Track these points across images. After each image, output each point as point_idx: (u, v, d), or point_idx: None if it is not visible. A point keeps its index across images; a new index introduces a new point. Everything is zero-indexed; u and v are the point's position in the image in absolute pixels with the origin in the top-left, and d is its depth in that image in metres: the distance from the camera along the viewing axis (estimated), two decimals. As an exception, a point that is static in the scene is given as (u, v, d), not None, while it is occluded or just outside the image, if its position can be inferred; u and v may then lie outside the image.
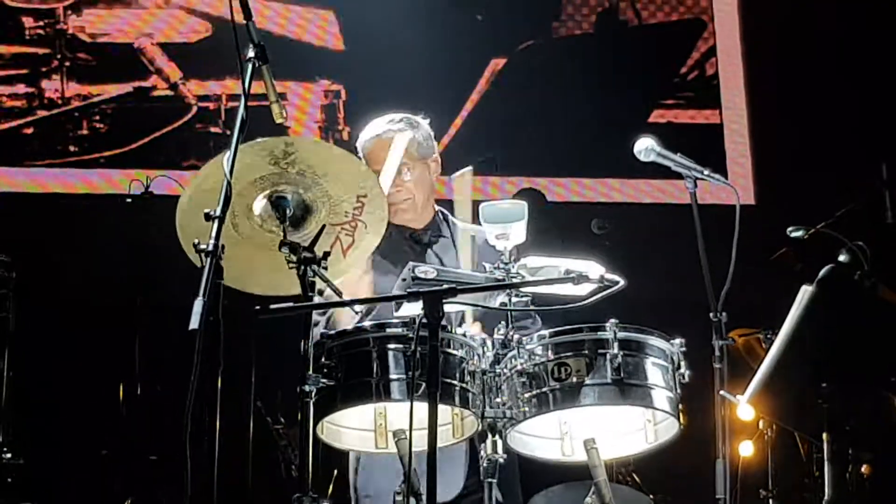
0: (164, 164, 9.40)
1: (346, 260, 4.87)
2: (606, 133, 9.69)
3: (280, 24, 9.78)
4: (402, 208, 5.57)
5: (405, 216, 5.60)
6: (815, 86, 9.68)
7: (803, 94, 9.69)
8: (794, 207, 8.21)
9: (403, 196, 5.57)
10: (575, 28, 10.40)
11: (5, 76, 9.90)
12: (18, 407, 7.14)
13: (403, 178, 5.55)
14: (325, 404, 4.65)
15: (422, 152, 5.62)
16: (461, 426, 4.82)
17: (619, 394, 4.66)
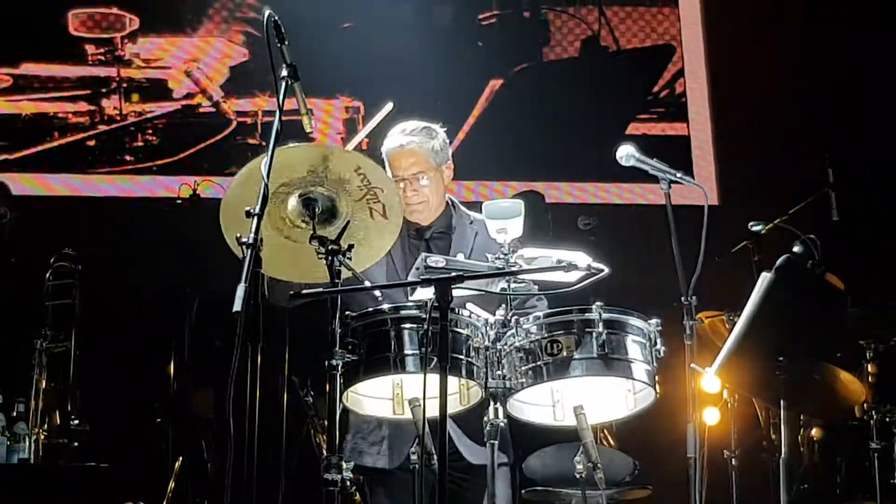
0: (208, 171, 9.40)
1: (391, 219, 4.86)
2: (590, 143, 9.69)
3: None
4: (417, 210, 5.54)
5: (418, 216, 5.57)
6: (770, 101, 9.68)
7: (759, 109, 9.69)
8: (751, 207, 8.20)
9: (419, 199, 5.54)
10: (562, 53, 10.39)
11: (71, 96, 9.89)
12: (85, 381, 7.13)
13: (421, 184, 5.52)
14: (350, 376, 4.66)
15: (437, 161, 5.59)
16: (467, 395, 4.81)
17: (604, 366, 4.66)
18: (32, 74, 9.92)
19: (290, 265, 4.84)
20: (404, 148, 5.56)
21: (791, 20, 10.03)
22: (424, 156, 5.54)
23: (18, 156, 9.75)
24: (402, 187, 5.47)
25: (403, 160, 5.55)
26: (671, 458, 5.70)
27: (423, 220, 5.59)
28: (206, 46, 10.10)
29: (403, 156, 5.55)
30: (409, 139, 5.56)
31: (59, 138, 9.84)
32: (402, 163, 5.55)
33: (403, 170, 5.53)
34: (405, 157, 5.55)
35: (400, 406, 4.85)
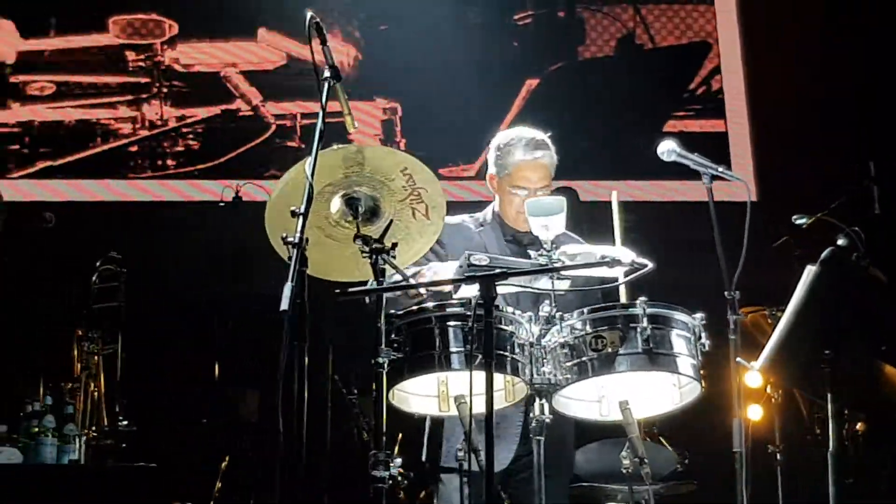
0: (248, 174, 9.37)
1: (433, 219, 4.85)
2: (627, 141, 9.65)
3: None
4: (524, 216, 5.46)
5: (521, 223, 5.45)
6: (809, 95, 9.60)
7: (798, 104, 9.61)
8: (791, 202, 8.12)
9: None
10: (598, 52, 10.34)
11: (112, 102, 9.91)
12: (131, 382, 7.15)
13: (540, 196, 5.45)
14: (395, 374, 4.64)
15: (553, 173, 5.55)
16: (512, 391, 4.80)
17: (649, 361, 4.65)
18: (75, 81, 9.95)
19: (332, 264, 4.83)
20: (537, 161, 5.49)
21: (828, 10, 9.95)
22: (549, 169, 5.51)
23: (62, 162, 9.78)
24: (524, 197, 5.40)
25: (534, 173, 5.49)
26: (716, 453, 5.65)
27: (524, 227, 5.48)
28: (244, 51, 10.08)
29: (536, 169, 5.49)
30: (542, 153, 5.49)
31: (102, 144, 9.86)
32: (532, 176, 5.48)
33: (533, 182, 5.47)
34: (536, 170, 5.49)
35: (445, 403, 4.83)
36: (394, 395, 4.74)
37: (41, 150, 9.81)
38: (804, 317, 4.90)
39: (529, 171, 5.51)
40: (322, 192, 4.66)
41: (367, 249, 4.62)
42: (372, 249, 4.61)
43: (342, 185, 4.73)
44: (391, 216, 4.76)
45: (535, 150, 5.52)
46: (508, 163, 5.53)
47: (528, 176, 5.50)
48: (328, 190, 4.71)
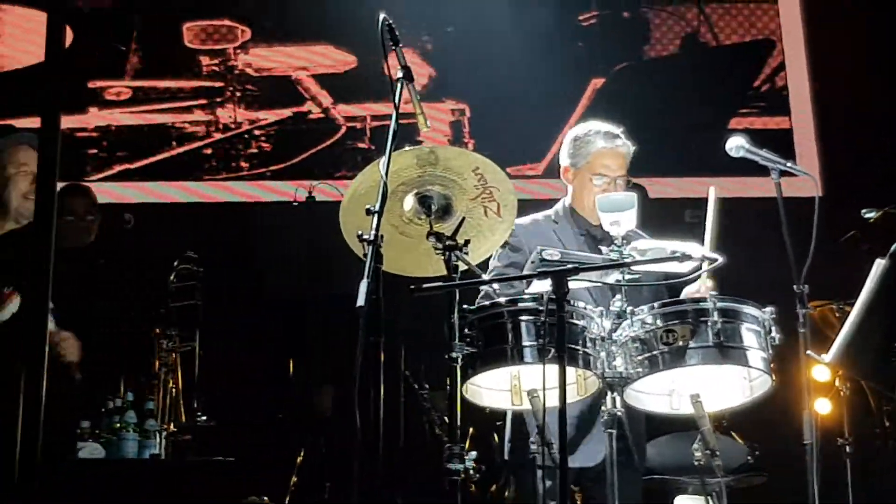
0: (319, 175, 9.39)
1: (504, 217, 4.87)
2: (693, 138, 9.61)
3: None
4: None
5: (596, 218, 5.47)
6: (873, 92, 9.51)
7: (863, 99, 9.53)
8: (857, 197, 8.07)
9: None
10: (662, 50, 10.30)
11: (187, 106, 9.97)
12: (209, 379, 7.19)
13: (620, 184, 5.48)
14: (468, 368, 4.65)
15: (628, 162, 5.56)
16: (584, 385, 4.80)
17: (720, 355, 4.64)
18: (150, 86, 10.02)
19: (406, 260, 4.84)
20: (617, 150, 5.56)
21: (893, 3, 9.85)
22: (627, 160, 5.55)
23: (139, 165, 9.85)
24: (602, 185, 5.44)
25: (614, 161, 5.55)
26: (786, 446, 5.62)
27: (598, 221, 5.49)
28: (315, 54, 10.12)
29: (616, 157, 5.56)
30: (621, 143, 5.56)
31: (177, 147, 9.92)
32: (612, 163, 5.55)
33: (613, 170, 5.53)
34: (617, 158, 5.56)
35: (518, 397, 4.83)
36: (467, 390, 4.74)
37: (118, 153, 9.88)
38: (874, 310, 4.85)
39: (609, 158, 5.55)
40: (396, 191, 4.69)
41: (440, 246, 4.63)
42: (445, 246, 4.63)
43: (415, 184, 4.76)
44: (463, 214, 4.77)
45: (614, 138, 5.57)
46: (588, 151, 5.56)
47: (608, 164, 5.54)
48: (402, 189, 4.74)
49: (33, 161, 5.66)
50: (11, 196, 5.61)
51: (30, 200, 5.64)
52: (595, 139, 5.57)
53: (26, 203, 5.63)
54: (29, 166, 5.64)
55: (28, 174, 5.64)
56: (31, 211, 5.58)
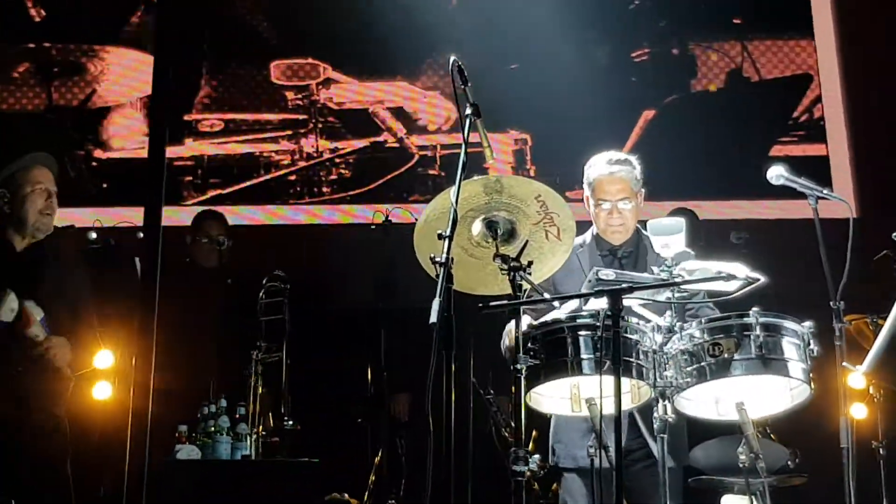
0: (394, 199, 9.48)
1: (563, 240, 4.90)
2: (737, 164, 9.61)
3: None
4: (618, 231, 5.54)
5: (615, 237, 5.56)
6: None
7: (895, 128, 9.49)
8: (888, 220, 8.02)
9: (620, 222, 5.55)
10: (708, 84, 10.29)
11: (274, 137, 10.07)
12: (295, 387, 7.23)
13: (622, 208, 5.52)
14: (532, 378, 4.68)
15: (636, 188, 5.58)
16: (638, 394, 4.82)
17: (762, 366, 4.64)
18: (241, 119, 10.12)
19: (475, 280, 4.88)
20: (614, 175, 5.56)
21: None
22: (629, 183, 5.54)
23: (230, 190, 9.95)
24: (608, 210, 5.49)
25: (611, 186, 5.56)
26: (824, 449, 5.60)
27: (618, 240, 5.58)
28: (391, 89, 10.19)
29: (612, 182, 5.56)
30: (618, 168, 5.56)
31: (265, 174, 10.01)
32: (610, 188, 5.56)
33: (611, 195, 5.55)
34: (614, 183, 5.55)
35: (577, 404, 4.86)
36: (530, 398, 4.78)
37: (212, 180, 9.99)
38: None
39: (608, 184, 5.58)
40: (465, 217, 4.72)
41: (506, 267, 4.67)
42: (510, 267, 4.66)
43: (483, 210, 4.79)
44: (526, 237, 4.80)
45: (612, 165, 5.59)
46: (591, 179, 5.62)
47: (608, 189, 5.57)
48: (470, 214, 4.78)
49: (47, 179, 5.75)
50: (28, 213, 5.67)
51: (46, 216, 5.72)
52: (596, 167, 5.63)
53: (43, 219, 5.71)
54: (43, 184, 5.72)
55: (43, 191, 5.71)
56: (48, 226, 5.71)
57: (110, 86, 10.16)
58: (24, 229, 5.68)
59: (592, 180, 5.61)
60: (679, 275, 4.76)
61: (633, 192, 5.57)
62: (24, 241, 5.70)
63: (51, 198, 5.73)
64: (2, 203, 5.70)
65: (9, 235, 5.69)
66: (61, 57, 10.27)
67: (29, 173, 5.71)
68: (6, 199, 5.69)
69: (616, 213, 5.54)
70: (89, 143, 9.97)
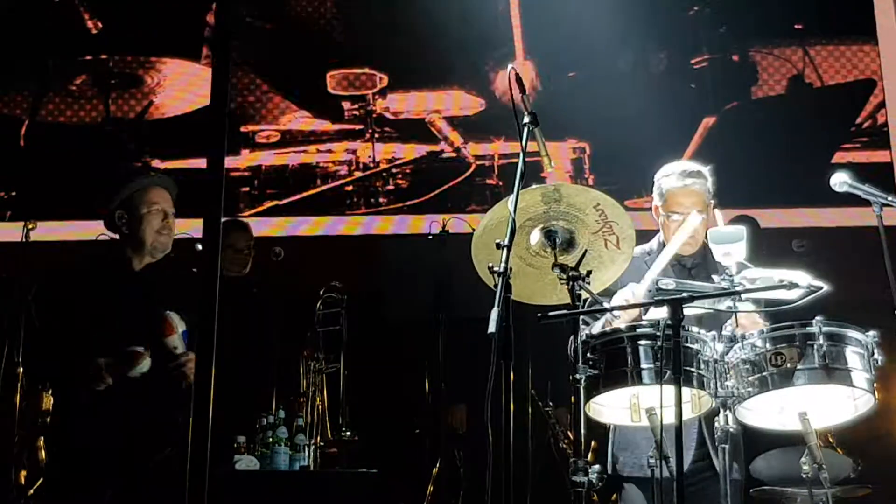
0: (451, 209, 9.50)
1: (623, 249, 4.90)
2: (799, 171, 9.56)
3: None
4: (688, 243, 5.50)
5: (685, 248, 5.51)
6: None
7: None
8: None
9: (690, 234, 5.53)
10: (769, 91, 10.26)
11: (330, 147, 10.14)
12: (353, 397, 7.28)
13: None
14: (591, 388, 4.69)
15: (708, 200, 5.56)
16: (699, 404, 4.80)
17: (826, 375, 4.62)
18: (297, 129, 10.20)
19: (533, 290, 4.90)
20: (688, 188, 5.52)
21: None
22: (703, 196, 5.51)
23: (287, 201, 10.02)
24: (678, 222, 5.47)
25: (685, 199, 5.52)
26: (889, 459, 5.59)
27: (687, 251, 5.55)
28: (447, 98, 10.23)
29: (686, 195, 5.52)
30: (692, 181, 5.52)
31: (321, 185, 10.08)
32: (684, 201, 5.52)
33: (686, 207, 5.49)
34: (688, 196, 5.52)
35: (637, 415, 4.84)
36: (590, 408, 4.78)
37: (268, 191, 10.07)
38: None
39: (682, 196, 5.53)
40: (523, 226, 4.74)
41: (565, 277, 4.68)
42: (569, 277, 4.67)
43: (541, 220, 4.80)
44: (585, 246, 4.82)
45: (686, 178, 5.55)
46: (664, 190, 5.58)
47: (681, 201, 5.52)
48: (529, 224, 4.79)
49: (164, 200, 5.83)
50: (146, 233, 5.74)
51: (163, 236, 5.80)
52: (670, 179, 5.58)
53: (161, 238, 5.78)
54: (160, 205, 5.79)
55: (159, 212, 5.79)
56: (166, 245, 5.79)
57: (167, 97, 10.27)
58: (142, 249, 5.77)
59: (665, 191, 5.57)
60: (740, 283, 4.75)
61: (706, 204, 5.54)
62: (143, 262, 5.80)
63: (168, 218, 5.81)
64: (120, 224, 5.78)
65: (128, 255, 5.78)
66: (118, 69, 10.39)
67: (146, 194, 5.81)
68: (124, 219, 5.78)
69: None
70: (147, 154, 10.08)
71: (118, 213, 5.79)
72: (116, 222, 5.79)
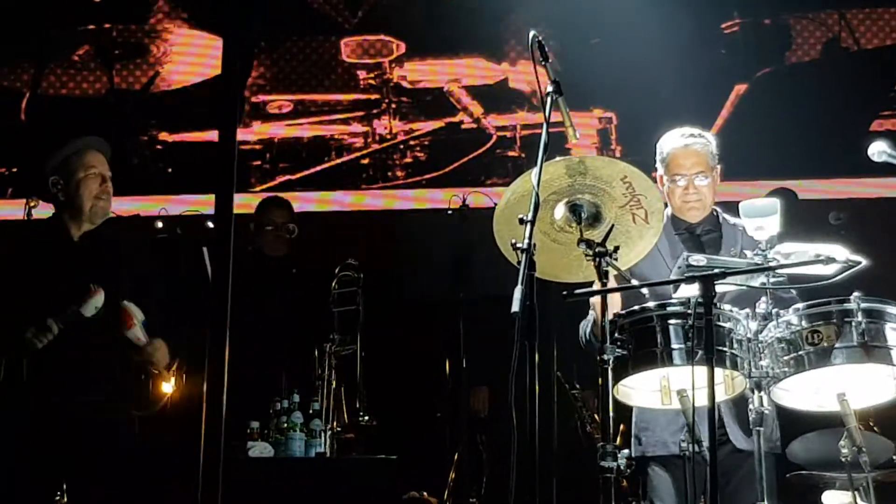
0: (471, 183, 9.47)
1: (651, 223, 4.89)
2: (835, 141, 9.51)
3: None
4: (695, 207, 5.52)
5: (691, 213, 5.55)
6: None
7: None
8: None
9: (696, 198, 5.51)
10: (804, 56, 10.21)
11: (346, 118, 10.13)
12: (370, 380, 7.26)
13: (699, 183, 5.50)
14: (620, 370, 4.69)
15: (713, 163, 5.56)
16: (732, 385, 4.79)
17: (865, 354, 4.60)
18: (310, 100, 10.19)
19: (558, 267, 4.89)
20: (689, 148, 5.53)
21: None
22: (705, 157, 5.52)
23: (300, 175, 10.03)
24: (683, 185, 5.48)
25: (686, 160, 5.53)
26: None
27: (695, 217, 5.55)
28: (467, 67, 10.20)
29: (687, 156, 5.53)
30: (693, 140, 5.54)
31: (336, 158, 10.08)
32: (685, 162, 5.53)
33: (686, 169, 5.52)
34: (689, 157, 5.53)
35: (667, 397, 4.84)
36: (618, 391, 4.78)
37: (281, 164, 10.07)
38: None
39: (682, 157, 5.54)
40: (547, 200, 4.72)
41: (591, 252, 4.67)
42: (595, 252, 4.66)
43: (566, 193, 4.79)
44: (612, 221, 4.80)
45: (686, 139, 5.57)
46: (666, 154, 5.59)
47: (682, 163, 5.54)
48: (553, 198, 4.77)
49: (100, 163, 5.80)
50: (84, 199, 5.72)
51: (102, 200, 5.77)
52: (669, 141, 5.60)
53: (100, 203, 5.75)
54: (97, 168, 5.76)
55: (97, 176, 5.75)
56: (105, 210, 5.78)
57: (174, 68, 10.26)
58: (80, 216, 5.74)
59: (666, 154, 5.58)
60: (774, 259, 4.73)
61: (710, 166, 5.54)
62: (81, 229, 5.77)
63: (105, 182, 5.78)
64: (55, 190, 5.76)
65: (64, 223, 5.76)
66: (122, 38, 10.38)
67: (82, 158, 5.77)
68: (59, 185, 5.75)
69: (692, 189, 5.50)
70: (153, 127, 10.08)
71: (53, 179, 5.75)
72: (51, 189, 5.76)
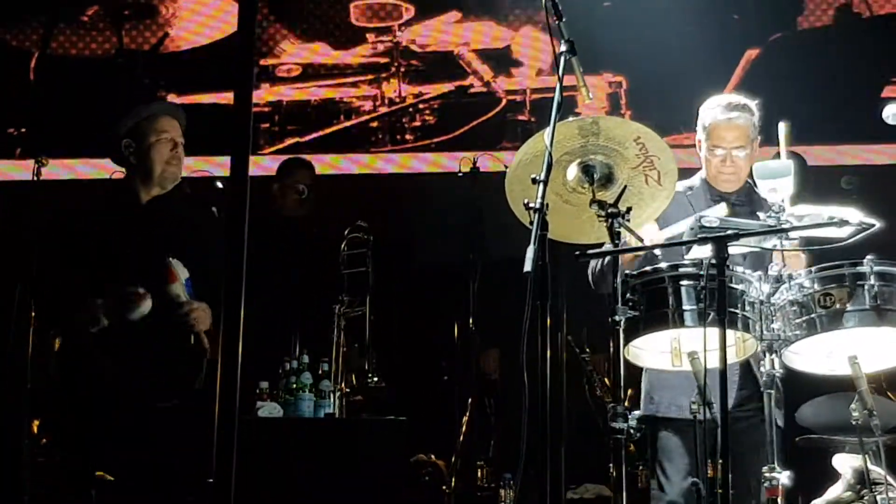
0: (481, 146, 9.40)
1: (665, 185, 4.88)
2: (847, 106, 9.48)
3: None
4: (729, 179, 5.54)
5: (726, 184, 5.55)
6: None
7: None
8: None
9: (731, 170, 5.54)
10: (816, 21, 10.17)
11: (354, 81, 10.11)
12: (379, 342, 7.27)
13: (738, 155, 5.50)
14: (630, 331, 4.69)
15: (753, 135, 5.56)
16: (743, 347, 4.80)
17: (877, 317, 4.61)
18: (319, 63, 10.17)
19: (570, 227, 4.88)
20: (731, 122, 5.54)
21: None
22: (747, 130, 5.54)
23: (308, 138, 10.02)
24: (721, 157, 5.51)
25: (728, 133, 5.55)
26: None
27: (729, 188, 5.57)
28: (477, 30, 10.18)
29: (729, 129, 5.55)
30: (737, 114, 5.53)
31: (345, 121, 10.07)
32: (727, 135, 5.55)
33: (727, 143, 5.54)
34: (731, 130, 5.55)
35: (678, 359, 4.84)
36: (628, 352, 4.78)
37: (289, 127, 10.07)
38: None
39: (724, 130, 5.55)
40: (559, 161, 4.71)
41: (603, 214, 4.67)
42: (607, 213, 4.66)
43: (579, 154, 4.78)
44: (625, 182, 4.79)
45: (731, 111, 5.56)
46: (707, 125, 5.59)
47: (724, 136, 5.55)
48: (565, 159, 4.76)
49: (173, 128, 5.76)
50: (154, 163, 5.69)
51: (172, 166, 5.74)
52: (713, 111, 5.60)
53: (170, 168, 5.71)
54: (169, 133, 5.72)
55: (168, 141, 5.71)
56: (176, 176, 5.75)
57: (184, 27, 10.24)
58: (151, 180, 5.72)
59: (708, 125, 5.58)
60: (787, 221, 4.73)
61: (750, 139, 5.55)
62: (150, 193, 5.75)
63: (177, 147, 5.75)
64: (127, 153, 5.73)
65: (135, 186, 5.75)
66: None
67: (155, 122, 5.74)
68: (131, 149, 5.72)
69: (729, 161, 5.52)
70: (162, 88, 10.06)
71: (125, 143, 5.72)
72: (123, 152, 5.73)
